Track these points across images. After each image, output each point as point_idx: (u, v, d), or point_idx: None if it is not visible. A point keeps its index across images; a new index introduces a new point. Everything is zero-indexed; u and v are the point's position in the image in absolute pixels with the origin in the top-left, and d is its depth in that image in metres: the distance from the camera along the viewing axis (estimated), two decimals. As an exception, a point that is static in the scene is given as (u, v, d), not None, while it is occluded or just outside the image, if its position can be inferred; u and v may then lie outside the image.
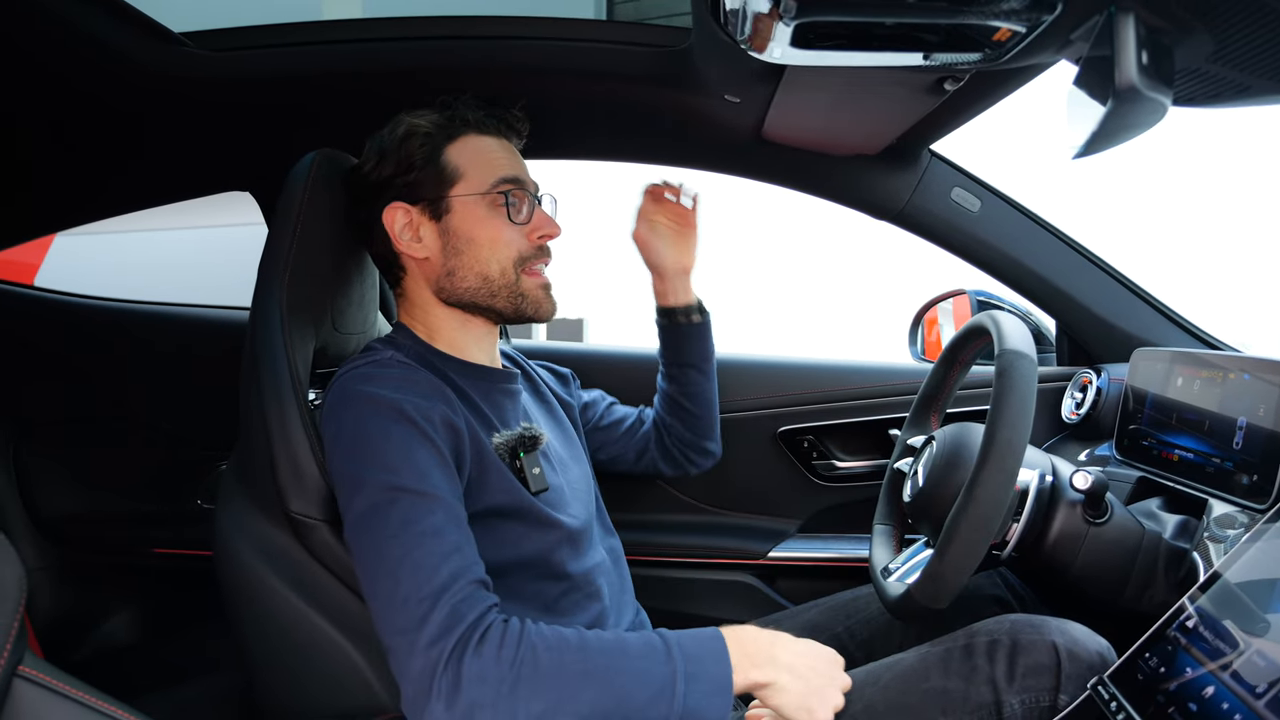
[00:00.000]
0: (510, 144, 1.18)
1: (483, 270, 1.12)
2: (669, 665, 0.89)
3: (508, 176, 1.13)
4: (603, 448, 1.46)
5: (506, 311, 1.15)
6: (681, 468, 1.49)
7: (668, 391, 1.46)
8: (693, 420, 1.45)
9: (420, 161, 1.11)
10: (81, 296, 1.87)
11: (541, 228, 1.15)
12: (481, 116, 1.15)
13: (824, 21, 0.77)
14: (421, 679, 0.84)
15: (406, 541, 0.90)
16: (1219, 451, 1.13)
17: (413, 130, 1.12)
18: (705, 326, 1.43)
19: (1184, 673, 0.82)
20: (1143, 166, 4.26)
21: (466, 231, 1.12)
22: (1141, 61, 0.66)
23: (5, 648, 0.62)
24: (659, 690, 0.88)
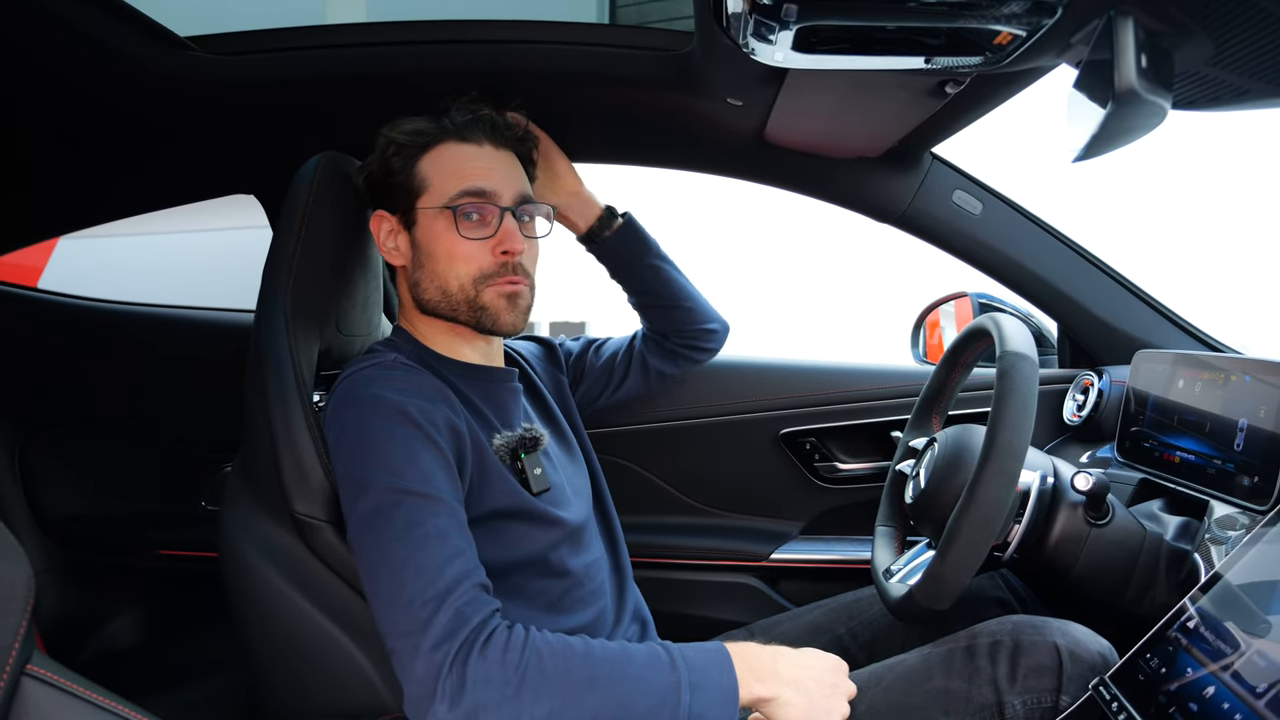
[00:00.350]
0: (497, 150, 1.15)
1: (442, 284, 1.11)
2: (673, 675, 0.90)
3: (469, 189, 1.10)
4: (604, 391, 1.45)
5: (469, 324, 1.13)
6: (694, 360, 1.48)
7: (641, 304, 1.44)
8: (681, 314, 1.43)
9: (397, 169, 1.12)
10: (87, 299, 1.88)
11: (503, 242, 1.10)
12: (467, 121, 1.13)
13: (826, 25, 0.77)
14: (425, 681, 0.84)
15: (410, 544, 0.90)
16: (1220, 453, 1.13)
17: (390, 140, 1.12)
18: (629, 225, 1.38)
19: (1185, 673, 0.83)
20: (1142, 168, 4.26)
21: (427, 245, 1.11)
22: (1141, 65, 0.66)
23: (14, 646, 0.63)
24: (663, 699, 0.88)
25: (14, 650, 0.63)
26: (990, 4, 0.73)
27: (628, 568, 1.30)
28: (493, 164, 1.13)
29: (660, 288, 1.40)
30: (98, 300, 1.89)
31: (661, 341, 1.45)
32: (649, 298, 1.41)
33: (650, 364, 1.46)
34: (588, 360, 1.46)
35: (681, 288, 1.42)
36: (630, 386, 1.47)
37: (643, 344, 1.46)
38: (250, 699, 1.30)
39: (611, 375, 1.45)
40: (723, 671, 0.92)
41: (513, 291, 1.12)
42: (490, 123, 1.14)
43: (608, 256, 1.40)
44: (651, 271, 1.39)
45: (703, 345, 1.47)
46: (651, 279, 1.40)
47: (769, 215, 3.69)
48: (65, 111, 1.35)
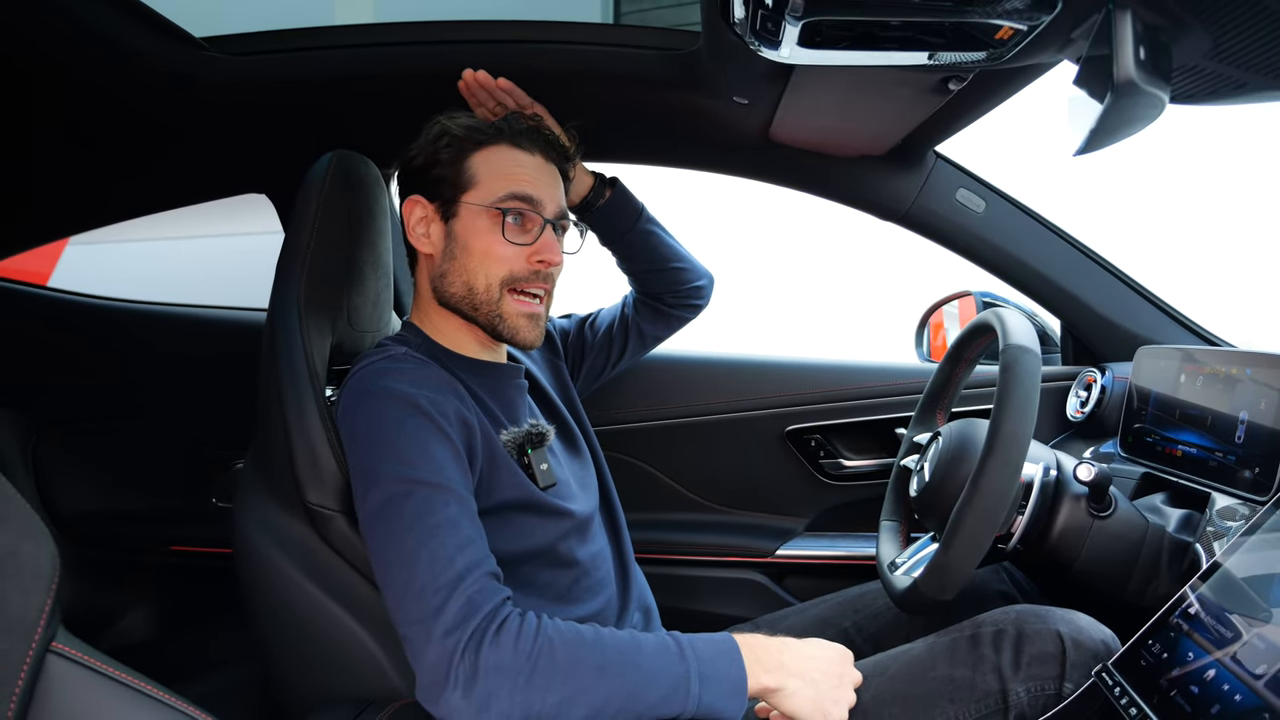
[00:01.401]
0: (548, 164, 1.17)
1: (469, 280, 1.13)
2: (683, 665, 0.91)
3: (518, 193, 1.12)
4: (606, 363, 1.48)
5: (485, 327, 1.15)
6: (686, 319, 1.51)
7: (633, 269, 1.45)
8: (673, 274, 1.45)
9: (445, 161, 1.13)
10: (99, 297, 1.90)
11: (541, 252, 1.13)
12: (524, 130, 1.15)
13: (830, 21, 0.79)
14: (438, 667, 0.85)
15: (422, 533, 0.92)
16: (1221, 446, 1.14)
17: (444, 130, 1.13)
18: (620, 193, 1.39)
19: (1187, 658, 0.84)
20: (1143, 165, 4.29)
21: (465, 238, 1.13)
22: (1139, 57, 0.68)
23: (39, 624, 0.65)
24: (673, 688, 0.89)
25: (39, 627, 0.65)
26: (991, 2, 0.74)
27: (631, 558, 1.31)
28: (542, 175, 1.15)
29: (652, 252, 1.42)
30: (111, 299, 1.91)
31: (655, 305, 1.47)
32: (642, 263, 1.43)
33: (645, 330, 1.48)
34: (585, 338, 1.48)
35: (672, 249, 1.44)
36: (629, 354, 1.50)
37: (635, 311, 1.48)
38: (264, 690, 1.32)
39: (611, 348, 1.48)
40: (731, 662, 0.94)
41: (533, 312, 1.15)
42: (545, 137, 1.17)
43: (600, 224, 1.40)
44: (643, 236, 1.41)
45: (694, 302, 1.49)
46: (643, 244, 1.41)
47: (774, 214, 3.71)
48: (79, 110, 1.37)
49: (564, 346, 1.45)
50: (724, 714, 0.91)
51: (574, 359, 1.47)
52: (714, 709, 0.90)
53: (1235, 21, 0.72)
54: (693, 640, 0.95)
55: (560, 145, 1.19)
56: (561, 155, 1.20)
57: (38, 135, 1.41)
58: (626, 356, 1.50)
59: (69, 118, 1.38)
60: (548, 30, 1.30)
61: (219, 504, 1.81)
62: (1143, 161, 4.18)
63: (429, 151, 1.14)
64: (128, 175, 1.55)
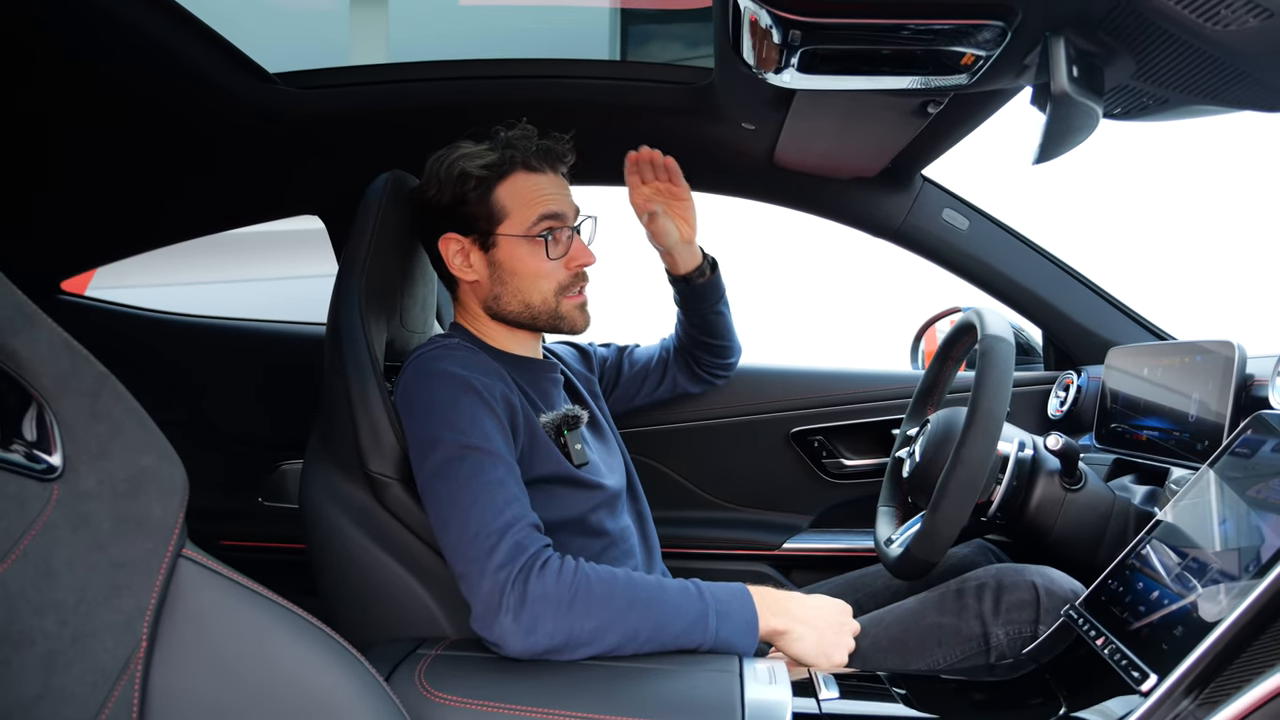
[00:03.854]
0: (557, 176, 1.29)
1: (525, 299, 1.27)
2: (702, 603, 1.04)
3: (547, 213, 1.24)
4: (636, 395, 1.62)
5: (546, 329, 1.31)
6: (714, 383, 1.66)
7: (692, 336, 1.58)
8: (720, 349, 1.60)
9: (473, 199, 1.25)
10: (157, 311, 2.05)
11: (577, 258, 1.27)
12: (532, 152, 1.27)
13: (824, 49, 0.95)
14: (491, 596, 0.98)
15: (475, 489, 1.05)
16: (1177, 426, 1.28)
17: (466, 171, 1.25)
18: (716, 277, 1.52)
19: (1137, 588, 0.97)
20: (1107, 180, 4.72)
21: (510, 265, 1.26)
22: (1072, 75, 0.84)
23: (174, 533, 0.79)
24: (693, 622, 1.02)
25: (174, 533, 0.79)
26: (956, 31, 0.91)
27: (655, 539, 1.44)
28: (558, 189, 1.28)
29: (716, 329, 1.57)
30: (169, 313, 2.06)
31: (694, 366, 1.62)
32: (704, 334, 1.57)
33: (679, 381, 1.63)
34: (622, 368, 1.62)
35: (729, 329, 1.59)
36: (659, 395, 1.65)
37: (675, 363, 1.63)
38: None
39: (645, 382, 1.62)
40: (744, 605, 1.06)
41: (583, 302, 1.30)
42: (547, 150, 1.29)
43: (689, 297, 1.53)
44: (716, 315, 1.55)
45: (723, 374, 1.66)
46: (714, 321, 1.56)
47: (780, 235, 3.92)
48: (154, 135, 1.52)
49: (600, 370, 1.59)
50: (738, 648, 1.03)
51: (609, 383, 1.60)
52: (729, 643, 1.03)
53: (1153, 47, 0.88)
54: (710, 586, 1.07)
55: (560, 154, 1.31)
56: (564, 161, 1.32)
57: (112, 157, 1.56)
58: (658, 395, 1.64)
59: (144, 142, 1.54)
60: (578, 66, 1.48)
61: (264, 503, 1.94)
62: (1096, 176, 4.58)
63: (454, 192, 1.25)
64: (194, 197, 1.72)
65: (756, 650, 1.05)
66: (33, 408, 0.73)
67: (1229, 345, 1.21)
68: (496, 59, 1.53)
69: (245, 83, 1.42)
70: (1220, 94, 0.92)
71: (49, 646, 0.67)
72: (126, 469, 0.76)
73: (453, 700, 0.92)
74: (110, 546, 0.73)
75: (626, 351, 1.65)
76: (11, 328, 0.71)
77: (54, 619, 0.68)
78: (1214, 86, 0.91)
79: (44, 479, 0.71)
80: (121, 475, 0.76)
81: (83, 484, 0.73)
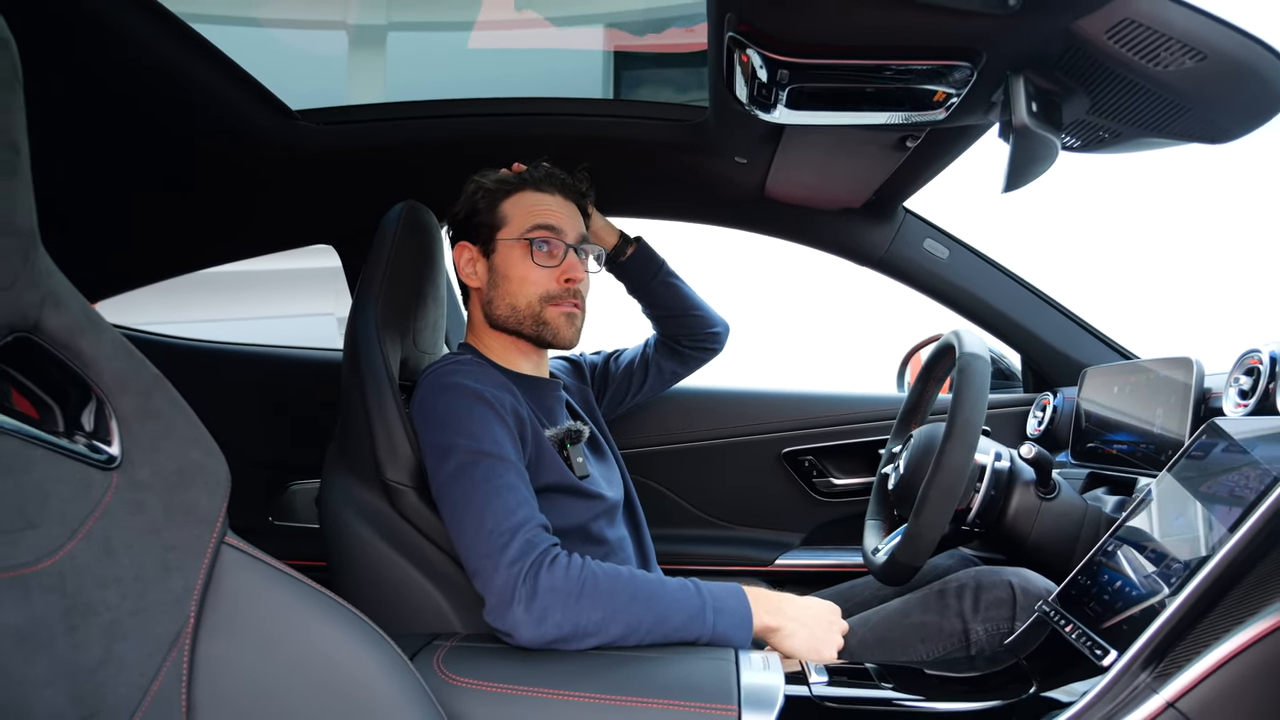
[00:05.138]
0: (567, 201, 1.39)
1: (512, 302, 1.35)
2: (700, 599, 1.11)
3: (541, 224, 1.34)
4: (626, 395, 1.69)
5: (531, 337, 1.37)
6: (701, 360, 1.72)
7: (655, 315, 1.66)
8: (690, 321, 1.66)
9: (482, 209, 1.38)
10: (170, 337, 2.12)
11: (567, 271, 1.34)
12: (543, 175, 1.39)
13: (810, 88, 1.05)
14: (505, 589, 1.05)
15: (488, 492, 1.13)
16: (1143, 439, 1.37)
17: (479, 186, 1.39)
18: (642, 249, 1.61)
19: (1102, 579, 1.05)
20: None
21: (503, 268, 1.36)
22: (1031, 110, 0.94)
23: (218, 520, 0.86)
24: (691, 616, 1.09)
25: (218, 522, 0.86)
26: (928, 71, 1.01)
27: (650, 549, 1.51)
28: (561, 209, 1.38)
29: (671, 300, 1.64)
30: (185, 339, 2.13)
31: (674, 346, 1.69)
32: (662, 309, 1.65)
33: (665, 367, 1.70)
34: (610, 370, 1.70)
35: (689, 298, 1.66)
36: (649, 388, 1.72)
37: (655, 350, 1.71)
38: None
39: (631, 380, 1.70)
40: (739, 601, 1.13)
41: (571, 312, 1.36)
42: (560, 179, 1.41)
43: (626, 275, 1.63)
44: (663, 287, 1.63)
45: (709, 346, 1.71)
46: (664, 293, 1.63)
47: (772, 263, 4.07)
48: (181, 167, 1.61)
49: (592, 376, 1.68)
50: (733, 641, 1.10)
51: (599, 388, 1.69)
52: (725, 636, 1.09)
53: (1104, 85, 0.98)
54: (707, 584, 1.15)
55: (574, 185, 1.42)
56: (577, 193, 1.43)
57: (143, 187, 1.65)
58: (646, 389, 1.72)
59: (175, 174, 1.63)
60: (581, 105, 1.58)
61: (275, 522, 2.00)
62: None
63: (469, 205, 1.39)
64: (217, 226, 1.80)
65: (751, 646, 1.12)
66: (93, 402, 0.81)
67: (1187, 362, 1.30)
68: (504, 98, 1.63)
69: (270, 119, 1.52)
70: (1166, 127, 1.02)
71: (111, 617, 0.74)
72: (176, 461, 0.84)
73: (470, 683, 0.98)
74: (163, 531, 0.80)
75: (614, 355, 1.73)
76: (78, 329, 0.80)
77: (115, 592, 0.75)
78: (1160, 121, 1.01)
79: (105, 468, 0.78)
80: (172, 467, 0.83)
81: (138, 474, 0.80)
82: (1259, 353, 1.14)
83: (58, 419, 0.77)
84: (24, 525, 0.69)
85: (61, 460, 0.74)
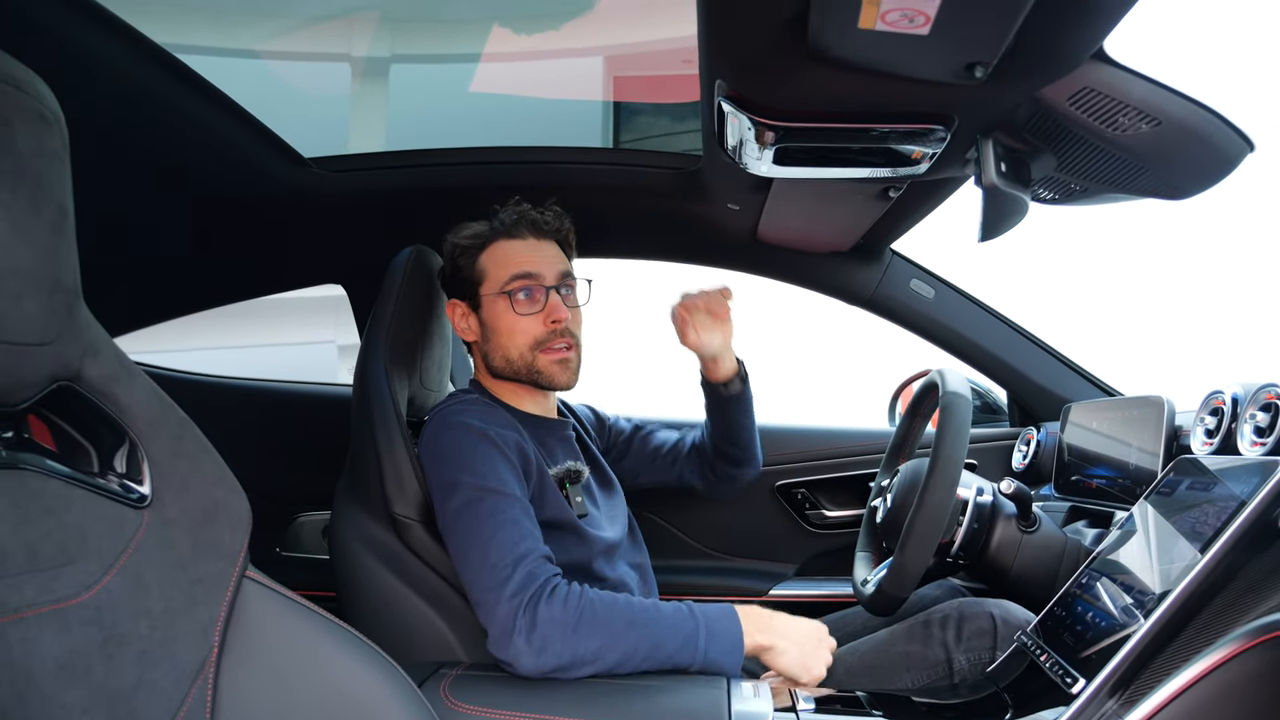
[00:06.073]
0: (539, 241, 1.41)
1: (505, 354, 1.39)
2: (693, 623, 1.15)
3: (517, 273, 1.36)
4: (641, 474, 1.70)
5: (529, 382, 1.41)
6: (721, 491, 1.70)
7: (714, 439, 1.64)
8: (738, 454, 1.64)
9: (463, 267, 1.42)
10: (180, 371, 2.17)
11: (551, 314, 1.37)
12: (514, 221, 1.40)
13: (796, 146, 1.12)
14: (506, 621, 1.10)
15: (493, 526, 1.18)
16: (1120, 473, 1.43)
17: (456, 245, 1.42)
18: (746, 390, 1.60)
19: (1076, 611, 1.10)
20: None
21: (491, 322, 1.41)
22: (1000, 169, 1.00)
23: (240, 554, 0.91)
24: (685, 641, 1.14)
25: (240, 556, 0.91)
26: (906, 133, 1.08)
27: (653, 582, 1.55)
28: (536, 252, 1.40)
29: (739, 435, 1.63)
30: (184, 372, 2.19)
31: (706, 465, 1.68)
32: (726, 441, 1.64)
33: (686, 474, 1.71)
34: (635, 443, 1.72)
35: (751, 440, 1.65)
36: (663, 480, 1.72)
37: (687, 457, 1.70)
38: None
39: (653, 464, 1.71)
40: (732, 622, 1.17)
41: (563, 358, 1.39)
42: (530, 220, 1.41)
43: (718, 404, 1.60)
44: (742, 429, 1.62)
45: (734, 482, 1.69)
46: (739, 433, 1.62)
47: (766, 303, 4.19)
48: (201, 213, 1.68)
49: (614, 440, 1.70)
50: (724, 667, 1.14)
51: (618, 453, 1.70)
52: (716, 663, 1.14)
53: (1069, 146, 1.05)
54: (702, 607, 1.19)
55: (548, 224, 1.42)
56: (553, 230, 1.43)
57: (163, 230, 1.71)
58: (658, 480, 1.72)
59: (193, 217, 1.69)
60: (582, 153, 1.65)
61: (282, 553, 2.05)
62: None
63: (451, 263, 1.43)
64: (231, 267, 1.87)
65: (744, 668, 1.17)
66: (127, 445, 0.87)
67: (1159, 400, 1.36)
68: (508, 146, 1.70)
69: (284, 166, 1.59)
70: (1128, 184, 1.09)
71: (142, 647, 0.79)
72: (202, 500, 0.90)
73: (475, 710, 1.03)
74: (190, 566, 0.86)
75: (643, 430, 1.73)
76: (115, 378, 0.86)
77: (146, 624, 0.80)
78: (1121, 178, 1.08)
79: (137, 506, 0.84)
80: (199, 505, 0.89)
81: (168, 512, 0.86)
82: (1222, 394, 1.20)
83: (95, 461, 0.82)
84: (64, 561, 0.75)
85: (98, 499, 0.80)
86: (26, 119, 0.67)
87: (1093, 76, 0.93)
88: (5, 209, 0.65)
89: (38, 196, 0.68)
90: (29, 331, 0.69)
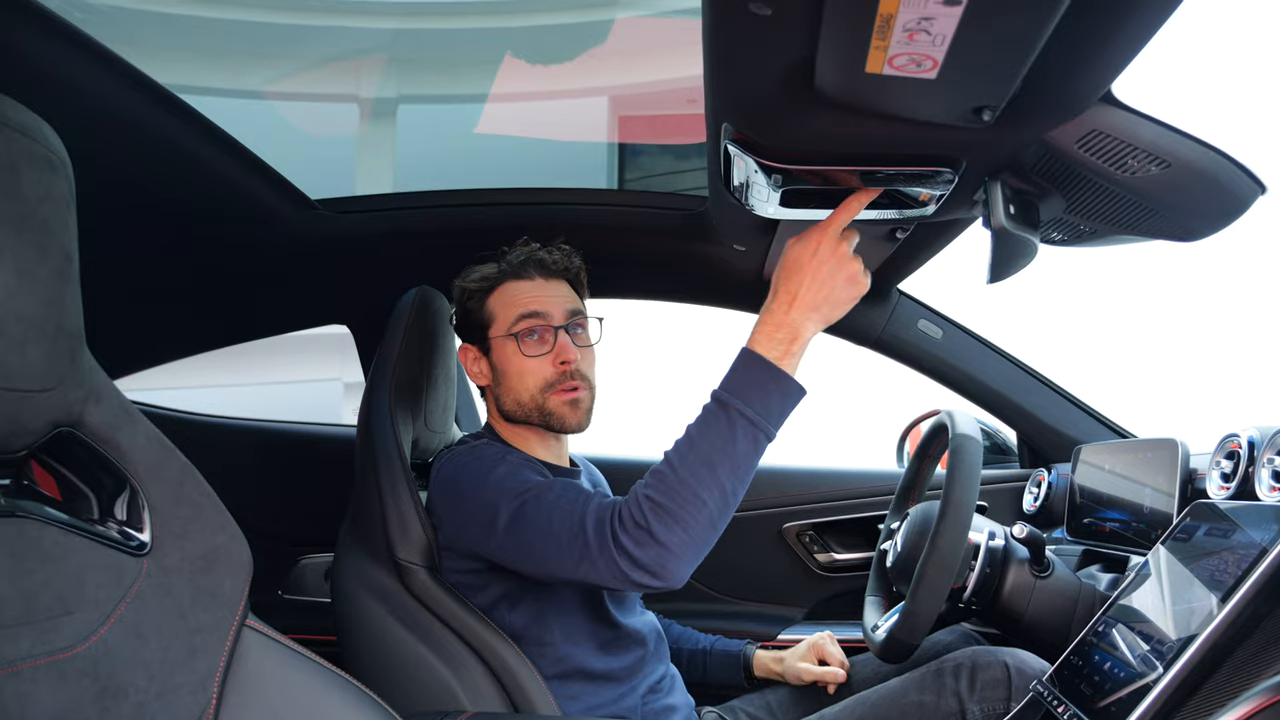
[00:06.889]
0: (548, 280, 1.39)
1: (516, 397, 1.37)
2: (729, 413, 1.08)
3: (524, 313, 1.34)
4: None
5: (541, 426, 1.38)
6: None
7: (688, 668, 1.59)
8: None
9: (472, 310, 1.41)
10: (183, 412, 2.16)
11: (560, 355, 1.34)
12: (520, 262, 1.39)
13: (802, 188, 1.12)
14: (613, 570, 1.06)
15: (545, 512, 1.14)
16: (1134, 517, 1.40)
17: (464, 289, 1.42)
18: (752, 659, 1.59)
19: (1093, 660, 1.08)
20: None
21: (501, 366, 1.39)
22: (1009, 212, 1.00)
23: (240, 603, 0.90)
24: (739, 433, 1.07)
25: (240, 605, 0.90)
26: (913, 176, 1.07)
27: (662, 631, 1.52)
28: (543, 292, 1.38)
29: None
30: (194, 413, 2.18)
31: None
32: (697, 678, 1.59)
33: None
34: None
35: None
36: None
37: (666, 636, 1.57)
38: None
39: None
40: (754, 370, 1.10)
41: (573, 399, 1.35)
42: (538, 260, 1.40)
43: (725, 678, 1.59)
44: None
45: None
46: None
47: None
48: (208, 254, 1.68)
49: None
50: (783, 414, 1.11)
51: None
52: (775, 409, 1.10)
53: (1078, 189, 1.05)
54: (725, 386, 1.11)
55: (556, 263, 1.41)
56: (560, 269, 1.41)
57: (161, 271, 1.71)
58: None
59: (197, 261, 1.70)
60: (589, 195, 1.66)
61: (285, 596, 2.02)
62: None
63: (461, 307, 1.42)
64: (238, 308, 1.87)
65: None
66: (127, 492, 0.86)
67: (1173, 443, 1.34)
68: (514, 188, 1.71)
69: (290, 208, 1.59)
70: (1139, 227, 1.09)
71: (139, 699, 0.77)
72: (203, 547, 0.88)
73: None
74: (189, 615, 0.84)
75: None
76: (116, 424, 0.85)
77: (143, 675, 0.78)
78: (1133, 221, 1.07)
79: (136, 554, 0.83)
80: (199, 553, 0.88)
81: (167, 559, 0.85)
82: (1238, 437, 1.18)
83: (95, 508, 0.81)
84: (61, 611, 0.73)
85: (97, 547, 0.78)
86: (34, 165, 0.67)
87: (1101, 119, 0.92)
88: (11, 255, 0.65)
89: (44, 243, 0.67)
90: (31, 377, 0.68)
